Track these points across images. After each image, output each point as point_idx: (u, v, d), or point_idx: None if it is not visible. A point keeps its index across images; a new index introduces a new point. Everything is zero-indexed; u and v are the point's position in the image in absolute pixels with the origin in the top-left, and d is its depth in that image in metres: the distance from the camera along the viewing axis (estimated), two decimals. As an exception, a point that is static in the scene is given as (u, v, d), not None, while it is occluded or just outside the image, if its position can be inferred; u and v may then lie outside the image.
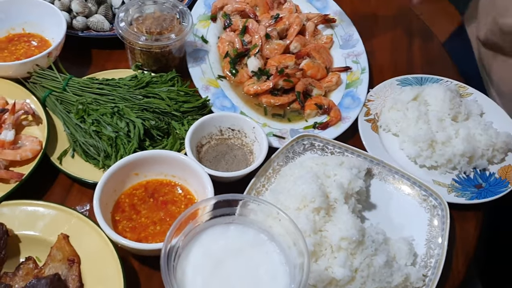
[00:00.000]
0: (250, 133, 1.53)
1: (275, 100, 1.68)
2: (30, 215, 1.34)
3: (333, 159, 1.44)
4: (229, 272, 1.07)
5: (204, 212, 1.12)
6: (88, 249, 1.29)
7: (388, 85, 1.75)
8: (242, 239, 1.12)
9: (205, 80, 1.70)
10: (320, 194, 1.29)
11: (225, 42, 1.81)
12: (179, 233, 1.07)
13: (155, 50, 1.65)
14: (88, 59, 1.82)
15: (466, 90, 1.77)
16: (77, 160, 1.49)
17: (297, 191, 1.31)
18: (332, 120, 1.64)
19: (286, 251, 1.09)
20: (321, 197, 1.29)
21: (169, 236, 1.05)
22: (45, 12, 1.75)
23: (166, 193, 1.41)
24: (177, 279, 1.03)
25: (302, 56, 1.76)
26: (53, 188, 1.47)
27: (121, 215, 1.35)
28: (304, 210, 1.29)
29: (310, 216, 1.28)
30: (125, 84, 1.61)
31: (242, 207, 1.15)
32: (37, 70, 1.61)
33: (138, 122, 1.49)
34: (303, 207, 1.30)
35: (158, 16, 1.72)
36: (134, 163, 1.39)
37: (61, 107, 1.55)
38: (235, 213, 1.14)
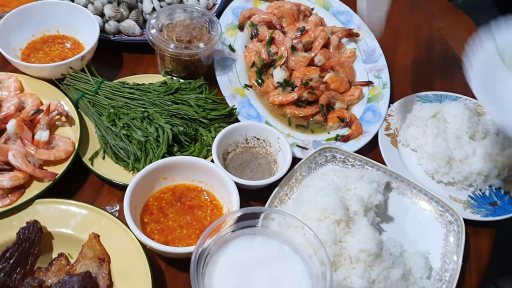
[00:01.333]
0: (274, 143, 1.59)
1: (299, 112, 1.73)
2: (63, 213, 1.40)
3: (354, 172, 1.49)
4: (254, 283, 1.12)
5: (231, 222, 1.18)
6: (118, 249, 1.34)
7: (409, 101, 1.80)
8: (267, 250, 1.18)
9: (232, 89, 1.75)
10: (341, 207, 1.35)
11: (252, 52, 1.86)
12: (207, 242, 1.13)
13: (185, 57, 1.71)
14: (119, 62, 1.88)
15: (484, 108, 1.81)
16: (108, 161, 1.55)
17: (318, 203, 1.36)
18: (354, 133, 1.69)
19: (309, 264, 1.14)
20: (342, 209, 1.34)
21: (198, 244, 1.11)
22: (79, 15, 1.81)
23: (192, 198, 1.46)
24: (205, 287, 1.09)
25: (326, 69, 1.82)
26: (84, 187, 1.53)
27: (150, 217, 1.41)
28: (325, 221, 1.34)
29: (331, 228, 1.33)
30: (155, 90, 1.66)
31: (266, 218, 1.20)
32: (71, 73, 1.67)
33: (167, 127, 1.54)
34: (324, 218, 1.35)
35: (188, 24, 1.77)
36: (163, 167, 1.44)
37: (93, 110, 1.61)
38: (259, 223, 1.20)
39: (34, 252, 1.32)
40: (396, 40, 2.13)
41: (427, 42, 2.15)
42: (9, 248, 1.29)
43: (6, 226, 1.36)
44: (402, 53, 2.07)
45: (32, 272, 1.32)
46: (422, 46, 2.12)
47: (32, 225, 1.33)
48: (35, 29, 1.81)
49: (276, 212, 1.22)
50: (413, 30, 2.19)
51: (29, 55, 1.76)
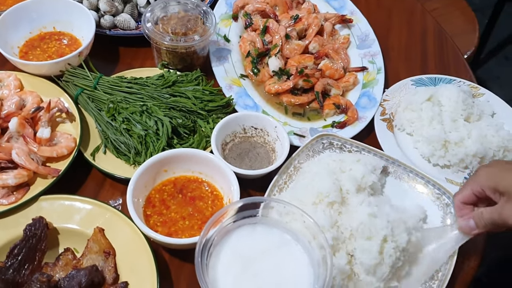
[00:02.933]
0: (272, 132, 1.61)
1: (295, 100, 1.75)
2: (68, 209, 1.43)
3: (350, 156, 1.52)
4: (257, 272, 1.16)
5: (233, 212, 1.21)
6: (122, 242, 1.38)
7: (403, 85, 1.82)
8: (269, 239, 1.21)
9: (228, 79, 1.77)
10: (334, 189, 1.38)
11: (247, 42, 1.88)
12: (210, 233, 1.16)
13: (181, 50, 1.73)
14: (115, 56, 1.90)
15: (478, 90, 1.84)
16: (109, 156, 1.57)
17: (314, 187, 1.40)
18: (350, 119, 1.72)
19: (310, 250, 1.18)
20: (335, 191, 1.37)
21: (202, 236, 1.14)
22: (75, 11, 1.82)
23: (193, 189, 1.49)
24: (210, 277, 1.12)
25: (321, 56, 1.84)
26: (87, 182, 1.56)
27: (152, 210, 1.44)
28: (320, 205, 1.37)
29: (327, 211, 1.36)
30: (152, 83, 1.69)
31: (266, 208, 1.23)
32: (69, 69, 1.69)
33: (166, 120, 1.57)
34: (319, 202, 1.38)
35: (182, 16, 1.79)
36: (164, 160, 1.47)
37: (92, 105, 1.63)
38: (259, 213, 1.23)
39: (41, 248, 1.35)
40: (389, 23, 2.14)
41: (420, 25, 2.16)
42: (17, 245, 1.33)
43: (13, 223, 1.40)
44: (395, 37, 2.09)
45: (40, 268, 1.35)
46: (415, 29, 2.14)
47: (38, 222, 1.36)
48: (32, 26, 1.83)
49: (275, 201, 1.25)
50: (406, 13, 2.20)
51: (27, 53, 1.78)
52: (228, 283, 1.13)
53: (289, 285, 1.15)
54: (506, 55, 4.07)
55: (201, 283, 1.08)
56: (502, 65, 4.00)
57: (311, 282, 1.14)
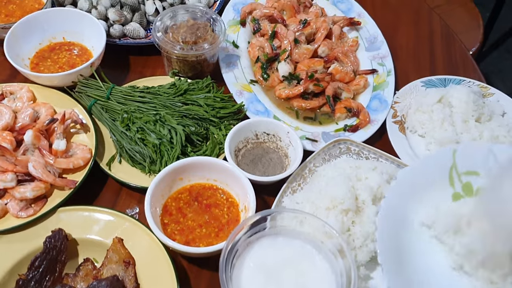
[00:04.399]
0: (284, 137, 1.63)
1: (306, 104, 1.77)
2: (86, 219, 1.44)
3: (367, 163, 1.52)
4: (279, 283, 1.17)
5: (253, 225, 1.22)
6: (141, 251, 1.39)
7: (413, 86, 1.83)
8: (290, 250, 1.22)
9: (238, 85, 1.78)
10: (349, 196, 1.38)
11: (255, 47, 1.89)
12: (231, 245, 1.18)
13: (191, 58, 1.74)
14: (126, 65, 1.91)
15: (488, 90, 1.84)
16: (124, 165, 1.59)
17: (328, 192, 1.40)
18: (362, 123, 1.73)
19: (332, 261, 1.18)
20: (350, 199, 1.38)
21: (224, 248, 1.15)
22: (84, 21, 1.84)
23: (209, 197, 1.50)
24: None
25: (331, 60, 1.85)
26: (103, 192, 1.58)
27: (169, 218, 1.45)
28: (334, 211, 1.38)
29: (339, 217, 1.36)
30: (164, 92, 1.70)
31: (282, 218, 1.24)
32: (81, 80, 1.70)
33: (179, 128, 1.58)
34: (333, 207, 1.38)
35: (191, 24, 1.80)
36: (179, 169, 1.48)
37: (106, 115, 1.64)
38: (279, 224, 1.24)
39: (61, 260, 1.37)
40: (395, 24, 2.16)
41: (427, 24, 2.17)
42: (38, 257, 1.34)
43: (33, 236, 1.41)
44: (403, 37, 2.10)
45: (61, 279, 1.37)
46: (422, 29, 2.15)
47: (57, 234, 1.37)
48: (42, 37, 1.84)
49: (297, 212, 1.26)
50: (412, 12, 2.22)
51: (38, 64, 1.79)
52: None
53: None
54: (508, 48, 4.07)
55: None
56: (504, 59, 4.00)
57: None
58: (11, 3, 1.96)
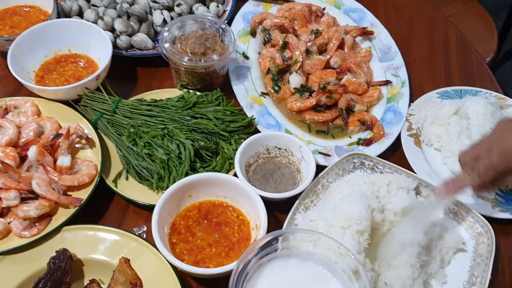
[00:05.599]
0: (296, 152, 1.57)
1: (319, 117, 1.71)
2: (91, 239, 1.40)
3: (381, 178, 1.46)
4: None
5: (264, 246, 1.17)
6: (149, 272, 1.34)
7: (429, 98, 1.78)
8: (303, 272, 1.17)
9: (249, 98, 1.73)
10: (367, 218, 1.32)
11: (266, 58, 1.84)
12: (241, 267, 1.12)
13: (200, 70, 1.69)
14: (133, 77, 1.86)
15: (505, 101, 1.79)
16: (131, 182, 1.54)
17: (343, 210, 1.34)
18: (376, 136, 1.67)
19: (347, 284, 1.13)
20: (367, 220, 1.32)
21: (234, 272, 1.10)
22: (90, 32, 1.79)
23: (219, 214, 1.45)
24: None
25: (343, 71, 1.79)
26: (110, 210, 1.53)
27: (178, 237, 1.40)
28: (349, 230, 1.31)
29: (355, 237, 1.31)
30: (173, 105, 1.65)
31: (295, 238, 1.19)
32: (87, 93, 1.65)
33: (188, 143, 1.53)
34: (348, 227, 1.32)
35: (200, 34, 1.75)
36: (187, 185, 1.43)
37: (112, 130, 1.60)
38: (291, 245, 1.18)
39: (66, 281, 1.32)
40: (409, 34, 2.10)
41: (442, 34, 2.11)
42: (41, 279, 1.29)
43: (37, 256, 1.37)
44: (417, 48, 2.04)
45: (66, 301, 1.32)
46: (437, 39, 2.09)
47: (62, 254, 1.33)
48: (47, 49, 1.80)
49: (309, 233, 1.21)
50: (426, 22, 2.16)
51: (43, 77, 1.75)
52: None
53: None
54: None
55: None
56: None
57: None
58: (17, 14, 1.92)
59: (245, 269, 1.13)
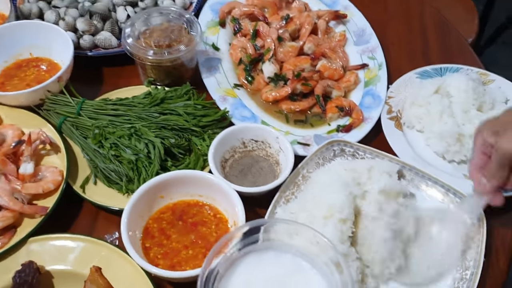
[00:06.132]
0: (274, 143, 1.50)
1: (295, 106, 1.64)
2: (60, 249, 1.31)
3: (362, 164, 1.39)
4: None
5: (237, 239, 1.09)
6: (122, 280, 1.26)
7: (408, 79, 1.71)
8: (280, 266, 1.09)
9: (221, 91, 1.65)
10: (348, 205, 1.25)
11: (237, 48, 1.77)
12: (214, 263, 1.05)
13: (166, 63, 1.61)
14: (99, 78, 1.78)
15: (487, 77, 1.72)
16: (100, 186, 1.45)
17: (324, 200, 1.27)
18: (355, 122, 1.60)
19: (327, 274, 1.06)
20: (349, 208, 1.25)
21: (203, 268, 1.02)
22: (51, 34, 1.70)
23: (195, 214, 1.37)
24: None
25: (318, 57, 1.72)
26: (79, 218, 1.44)
27: (151, 241, 1.32)
28: (332, 219, 1.24)
29: (337, 226, 1.24)
30: (139, 103, 1.57)
31: (275, 230, 1.12)
32: (49, 96, 1.57)
33: (157, 141, 1.45)
34: (330, 216, 1.25)
35: (165, 27, 1.67)
36: (158, 186, 1.36)
37: (77, 133, 1.51)
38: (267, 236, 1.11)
39: (34, 296, 1.23)
40: (385, 16, 2.02)
41: (418, 14, 2.04)
42: (7, 295, 1.21)
43: (1, 270, 1.28)
44: (394, 30, 1.97)
45: (35, 317, 1.23)
46: (413, 19, 2.02)
47: (28, 267, 1.24)
48: (7, 54, 1.71)
49: (284, 222, 1.13)
50: (402, 4, 2.08)
51: (3, 83, 1.66)
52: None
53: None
54: (504, 40, 3.95)
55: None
56: (501, 51, 3.88)
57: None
58: (-30, 20, 1.83)
59: (215, 268, 1.05)
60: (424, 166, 1.48)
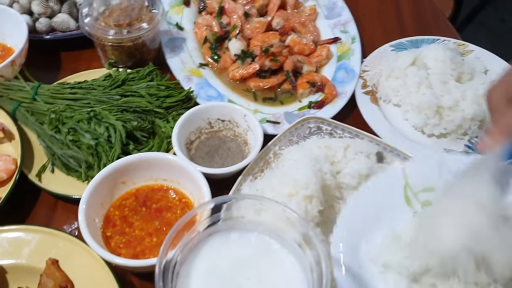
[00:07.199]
0: (242, 122, 1.41)
1: (264, 83, 1.55)
2: (13, 242, 1.21)
3: (338, 142, 1.31)
4: (239, 288, 0.95)
5: (200, 219, 1.00)
6: (81, 272, 1.16)
7: (382, 52, 1.63)
8: (247, 247, 1.00)
9: (186, 71, 1.57)
10: (314, 181, 1.17)
11: (202, 27, 1.68)
12: (175, 247, 0.96)
13: (127, 43, 1.52)
14: (57, 62, 1.68)
15: (466, 47, 1.65)
16: (58, 175, 1.36)
17: (290, 176, 1.19)
18: (328, 97, 1.52)
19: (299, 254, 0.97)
20: (315, 184, 1.16)
21: (162, 253, 0.92)
22: (4, 17, 1.60)
23: (159, 200, 1.29)
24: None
25: (287, 32, 1.64)
26: (36, 209, 1.35)
27: (113, 230, 1.23)
28: (296, 197, 1.16)
29: (302, 204, 1.15)
30: (99, 85, 1.48)
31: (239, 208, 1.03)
32: (2, 82, 1.47)
33: (118, 125, 1.36)
34: (295, 193, 1.17)
35: (125, 6, 1.58)
36: (118, 170, 1.26)
37: (32, 119, 1.42)
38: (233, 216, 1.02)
39: (-15, 293, 1.14)
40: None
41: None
42: (-46, 294, 1.11)
43: (-50, 268, 1.18)
44: (365, 2, 1.89)
45: (-13, 316, 1.14)
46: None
47: (-23, 263, 1.15)
48: (-44, 41, 1.61)
49: (249, 198, 1.04)
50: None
51: (-47, 71, 1.56)
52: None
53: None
54: (481, 20, 3.90)
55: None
56: (479, 31, 3.83)
57: (305, 287, 0.94)
58: None
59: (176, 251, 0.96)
60: (403, 140, 1.40)
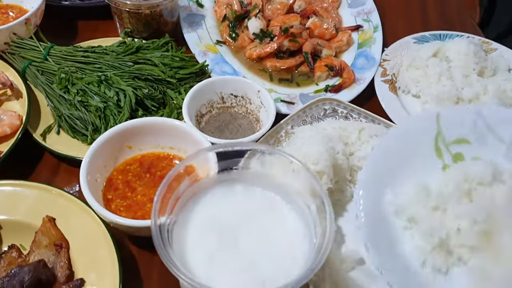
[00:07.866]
0: (255, 99, 1.37)
1: (281, 64, 1.51)
2: (10, 197, 1.17)
3: (353, 124, 1.27)
4: (237, 243, 0.90)
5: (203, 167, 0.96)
6: (78, 232, 1.12)
7: (404, 43, 1.59)
8: (250, 201, 0.96)
9: (202, 46, 1.53)
10: (326, 158, 1.12)
11: (223, 5, 1.65)
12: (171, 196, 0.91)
13: (145, 11, 1.50)
14: (73, 30, 1.66)
15: (490, 45, 1.60)
16: (63, 136, 1.33)
17: (301, 151, 1.15)
18: (346, 81, 1.47)
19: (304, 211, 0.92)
20: (326, 161, 1.12)
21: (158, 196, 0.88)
22: (21, -21, 1.58)
23: (164, 167, 1.25)
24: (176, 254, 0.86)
25: (308, 14, 1.60)
26: (38, 169, 1.32)
27: (114, 193, 1.19)
28: None
29: None
30: (112, 51, 1.45)
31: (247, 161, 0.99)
32: (15, 39, 1.44)
33: (128, 90, 1.33)
34: None
35: (146, -25, 1.55)
36: (125, 133, 1.23)
37: (42, 78, 1.39)
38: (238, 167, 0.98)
39: (-22, 247, 1.10)
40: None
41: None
42: None
43: None
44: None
45: (-21, 271, 1.09)
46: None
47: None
48: (-27, -1, 1.59)
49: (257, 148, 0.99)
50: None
51: (-32, 29, 1.54)
52: (203, 259, 0.88)
53: (280, 255, 0.89)
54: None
55: (165, 262, 0.82)
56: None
57: (305, 250, 0.88)
58: None
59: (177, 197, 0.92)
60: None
